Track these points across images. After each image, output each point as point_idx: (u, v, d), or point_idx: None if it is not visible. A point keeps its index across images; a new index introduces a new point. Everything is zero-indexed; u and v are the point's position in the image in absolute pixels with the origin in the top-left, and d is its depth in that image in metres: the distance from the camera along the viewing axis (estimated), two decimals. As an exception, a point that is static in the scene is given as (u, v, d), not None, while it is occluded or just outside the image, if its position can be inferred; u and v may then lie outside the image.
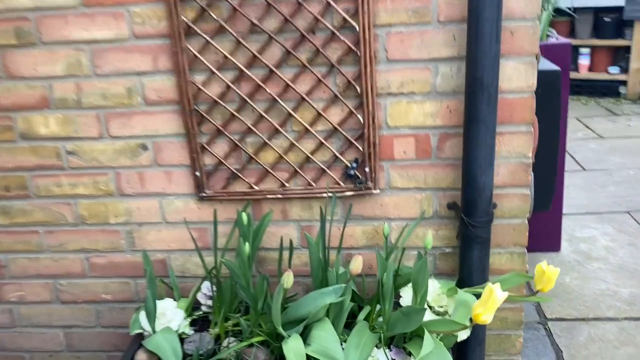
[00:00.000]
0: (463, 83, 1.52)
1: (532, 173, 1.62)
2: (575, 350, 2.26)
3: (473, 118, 1.46)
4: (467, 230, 1.55)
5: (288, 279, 1.32)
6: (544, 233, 2.88)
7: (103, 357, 1.96)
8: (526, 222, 1.65)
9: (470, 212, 1.53)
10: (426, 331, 1.38)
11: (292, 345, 1.40)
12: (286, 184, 1.66)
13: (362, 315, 1.57)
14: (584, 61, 5.81)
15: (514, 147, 1.57)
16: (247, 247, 1.48)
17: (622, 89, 5.71)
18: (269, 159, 1.65)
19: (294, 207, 1.69)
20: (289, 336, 1.43)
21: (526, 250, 1.68)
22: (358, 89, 1.54)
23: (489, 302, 1.32)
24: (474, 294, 1.51)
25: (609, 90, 5.76)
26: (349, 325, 1.60)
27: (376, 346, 1.50)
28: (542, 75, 1.71)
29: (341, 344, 1.44)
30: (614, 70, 5.73)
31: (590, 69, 5.84)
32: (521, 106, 1.53)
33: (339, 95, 1.56)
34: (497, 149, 1.56)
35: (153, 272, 1.54)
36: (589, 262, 2.88)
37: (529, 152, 1.58)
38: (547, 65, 2.17)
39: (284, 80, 1.55)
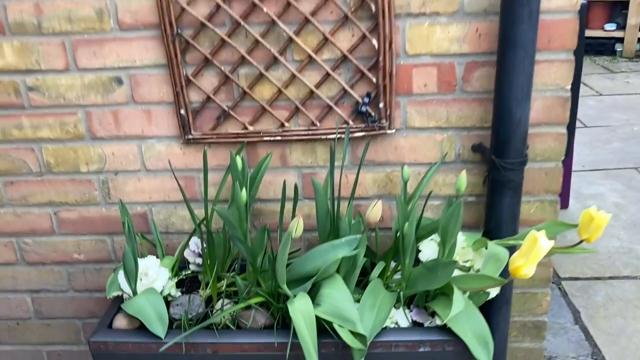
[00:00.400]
0: (496, 1, 1.29)
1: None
2: (594, 310, 2.10)
3: (510, 40, 1.24)
4: (497, 173, 1.34)
5: (298, 226, 1.10)
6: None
7: (77, 325, 1.74)
8: (560, 166, 1.45)
9: (501, 152, 1.32)
10: (455, 288, 1.18)
11: (299, 306, 1.19)
12: (286, 124, 1.43)
13: (376, 272, 1.37)
14: (579, 17, 5.60)
15: (551, 77, 1.36)
16: (244, 193, 1.26)
17: (618, 47, 5.53)
18: (266, 94, 1.42)
19: (295, 152, 1.47)
20: (295, 296, 1.22)
21: (559, 199, 1.49)
22: (373, 8, 1.31)
23: (532, 253, 1.12)
24: (506, 246, 1.31)
25: (604, 48, 5.57)
26: (360, 283, 1.40)
27: (394, 306, 1.30)
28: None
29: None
30: (610, 27, 5.53)
31: (586, 26, 5.63)
32: (562, 29, 1.31)
33: (349, 15, 1.32)
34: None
35: (132, 224, 1.31)
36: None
37: (568, 84, 1.37)
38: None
39: (285, -2, 1.31)
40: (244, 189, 1.26)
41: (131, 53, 1.40)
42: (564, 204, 2.81)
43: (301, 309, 1.19)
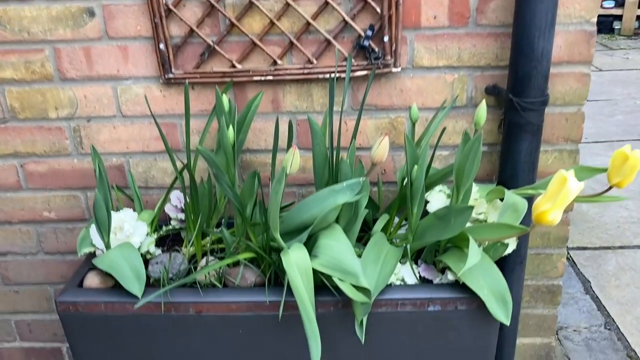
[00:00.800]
0: None
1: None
2: (605, 280, 1.97)
3: (533, -42, 1.09)
4: (515, 115, 1.20)
5: (293, 159, 0.95)
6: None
7: (48, 292, 1.59)
8: (582, 111, 1.31)
9: (520, 90, 1.18)
10: (471, 238, 1.04)
11: (295, 257, 1.04)
12: (279, 62, 1.28)
13: (379, 225, 1.23)
14: (577, -6, 5.47)
15: (575, 8, 1.21)
16: (231, 132, 1.11)
17: (616, 24, 5.42)
18: (256, 28, 1.26)
19: (289, 94, 1.32)
20: (289, 247, 1.08)
21: (579, 149, 1.35)
22: None
23: (560, 195, 0.98)
24: (524, 196, 1.18)
25: (602, 26, 5.46)
26: (361, 240, 1.26)
27: (400, 262, 1.16)
28: None
29: (356, 259, 1.09)
30: (609, 4, 5.41)
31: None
32: (589, -49, 1.17)
33: None
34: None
35: (104, 169, 1.16)
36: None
37: (594, 17, 1.22)
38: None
39: None
40: (230, 127, 1.11)
41: (104, -21, 1.24)
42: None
43: (297, 261, 1.04)
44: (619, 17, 5.37)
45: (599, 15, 5.01)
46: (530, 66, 1.16)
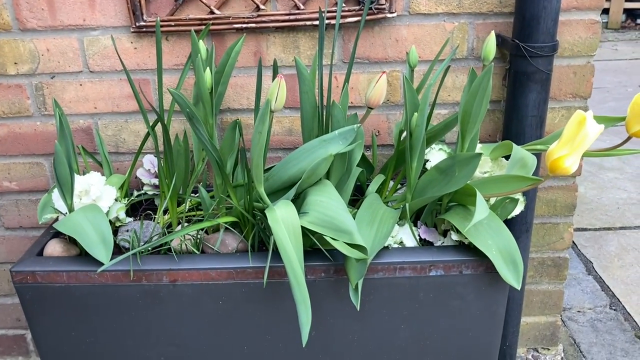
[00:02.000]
0: None
1: None
2: (607, 260, 1.87)
3: None
4: (523, 62, 1.10)
5: (279, 92, 0.83)
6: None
7: (9, 272, 1.44)
8: (592, 64, 1.21)
9: (528, 35, 1.08)
10: (478, 191, 0.93)
11: (282, 215, 0.92)
12: (262, 7, 1.16)
13: (373, 187, 1.11)
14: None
15: (587, -54, 1.11)
16: (207, 74, 0.98)
17: (603, 18, 5.38)
18: (238, -31, 1.15)
19: (273, 45, 1.20)
20: (275, 205, 0.95)
21: (588, 106, 1.25)
22: None
23: (578, 139, 0.88)
24: (533, 152, 1.07)
25: (589, 19, 5.42)
26: (354, 204, 1.14)
27: (397, 224, 1.05)
28: None
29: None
30: (596, -3, 5.38)
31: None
32: None
33: None
34: (565, -52, 1.10)
35: (65, 118, 1.03)
36: (602, 172, 2.50)
37: (606, -44, 1.12)
38: None
39: None
40: (207, 69, 0.98)
41: None
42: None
43: (284, 218, 0.92)
44: (606, 11, 5.33)
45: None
46: (539, 6, 1.05)
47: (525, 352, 1.47)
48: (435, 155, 1.13)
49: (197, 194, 1.16)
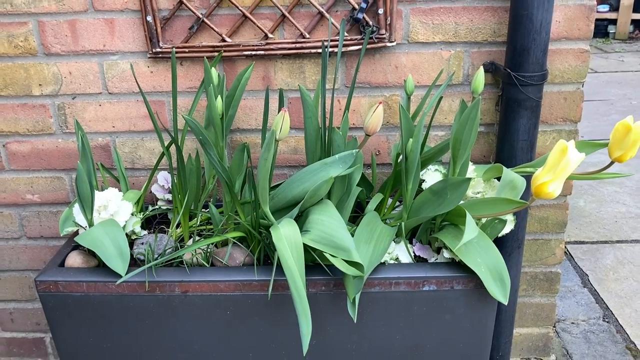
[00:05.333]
0: None
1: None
2: (603, 273, 1.93)
3: None
4: (514, 90, 1.17)
5: (283, 122, 0.91)
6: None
7: (31, 279, 1.53)
8: (582, 90, 1.28)
9: (519, 64, 1.15)
10: (468, 213, 1.00)
11: (285, 233, 1.00)
12: (270, 35, 1.24)
13: (372, 205, 1.19)
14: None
15: (575, -19, 1.18)
16: (219, 101, 1.06)
17: (611, 28, 5.42)
18: (247, 0, 1.22)
19: (280, 71, 1.28)
20: (279, 223, 1.03)
21: (578, 129, 1.32)
22: None
23: (560, 166, 0.94)
24: (522, 174, 1.14)
25: (597, 29, 5.46)
26: (354, 221, 1.22)
27: (394, 241, 1.12)
28: None
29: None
30: (603, 8, 5.42)
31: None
32: None
33: None
34: (555, -17, 1.17)
35: (87, 141, 1.11)
36: (602, 186, 2.56)
37: (594, -9, 1.20)
38: None
39: None
40: (219, 97, 1.06)
41: (90, -50, 1.21)
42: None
43: (287, 236, 1.00)
44: (614, 21, 5.37)
45: (595, 20, 4.97)
46: (529, 38, 1.12)
47: (518, 361, 1.54)
48: (431, 175, 1.20)
49: (208, 209, 1.24)
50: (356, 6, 1.20)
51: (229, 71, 1.28)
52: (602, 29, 5.44)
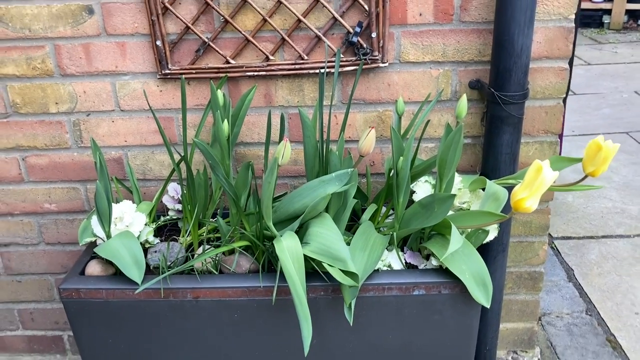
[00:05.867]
0: None
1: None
2: (587, 268, 2.04)
3: (513, -41, 1.15)
4: (497, 108, 1.26)
5: (285, 151, 1.01)
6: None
7: (50, 281, 1.64)
8: (562, 104, 1.37)
9: (501, 85, 1.24)
10: (453, 225, 1.10)
11: (287, 244, 1.10)
12: (271, 57, 1.33)
13: (367, 215, 1.29)
14: (567, -11, 5.54)
15: (554, 5, 1.27)
16: (225, 125, 1.16)
17: (605, 19, 5.48)
18: (249, 25, 1.31)
19: (281, 89, 1.37)
20: (282, 235, 1.13)
21: (559, 140, 1.41)
22: None
23: (536, 184, 1.04)
24: (505, 186, 1.24)
25: (592, 20, 5.52)
26: (350, 229, 1.32)
27: (387, 249, 1.22)
28: None
29: (345, 246, 1.15)
30: (599, -2, 5.48)
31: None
32: (567, -48, 1.23)
33: None
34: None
35: (104, 161, 1.21)
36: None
37: (572, 13, 1.28)
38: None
39: None
40: (225, 120, 1.16)
41: (102, -21, 1.29)
42: (555, 167, 2.75)
43: (289, 248, 1.10)
44: (609, 12, 5.43)
45: (589, 10, 5.02)
46: (510, 61, 1.22)
47: (505, 354, 1.65)
48: (421, 187, 1.30)
49: (215, 218, 1.34)
50: (351, 30, 1.29)
51: (233, 90, 1.37)
52: (597, 19, 5.50)
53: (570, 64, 2.24)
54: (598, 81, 4.01)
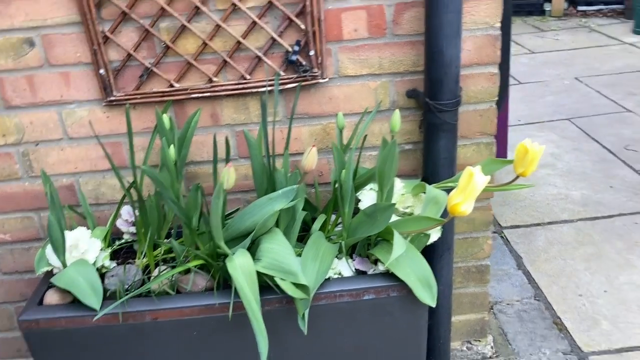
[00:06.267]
0: (420, -62, 1.27)
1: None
2: (535, 255, 2.15)
3: (436, -24, 1.22)
4: (432, 116, 1.33)
5: (229, 176, 1.05)
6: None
7: (9, 310, 1.64)
8: (494, 106, 1.45)
9: (435, 94, 1.31)
10: (396, 231, 1.16)
11: (239, 262, 1.15)
12: (214, 79, 1.37)
13: (317, 225, 1.34)
14: (509, -21, 5.69)
15: (480, 15, 1.34)
16: (172, 150, 1.20)
17: (547, 6, 5.66)
18: (191, 48, 1.35)
19: (226, 108, 1.41)
20: (234, 253, 1.18)
21: (495, 140, 1.49)
22: (295, -50, 1.26)
23: (469, 189, 1.11)
24: (445, 189, 1.31)
25: (534, 8, 5.69)
26: (302, 239, 1.37)
27: (337, 257, 1.28)
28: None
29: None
30: (539, -13, 5.65)
31: (516, -14, 5.73)
32: (488, -35, 1.30)
33: (271, -41, 1.27)
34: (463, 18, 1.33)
35: (56, 192, 1.23)
36: (537, 170, 2.77)
37: (497, 22, 1.36)
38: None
39: (202, -57, 1.24)
40: (172, 145, 1.20)
41: (41, 11, 1.30)
42: (503, 157, 2.86)
43: (241, 265, 1.14)
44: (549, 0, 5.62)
45: (531, -2, 5.11)
46: (441, 72, 1.28)
47: (460, 344, 1.73)
48: (367, 195, 1.36)
49: (169, 240, 1.37)
50: (290, 49, 1.34)
51: (180, 112, 1.41)
52: (538, 7, 5.67)
53: (504, 61, 2.33)
54: (541, 69, 4.16)
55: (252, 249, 1.21)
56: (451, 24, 1.24)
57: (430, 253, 1.43)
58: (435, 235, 1.31)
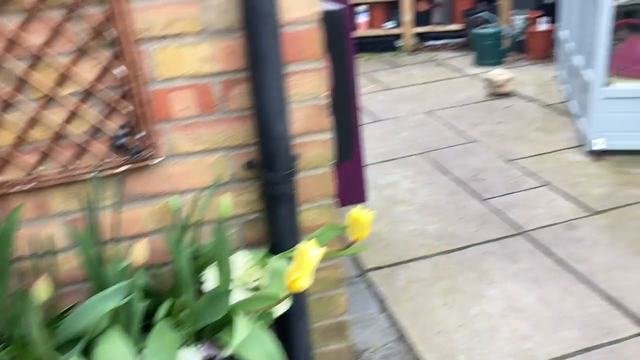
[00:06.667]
0: (238, 17, 1.29)
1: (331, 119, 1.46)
2: (397, 294, 2.23)
3: (257, 55, 1.24)
4: (270, 188, 1.35)
5: (40, 289, 0.98)
6: (350, 186, 2.82)
7: None
8: (330, 171, 1.50)
9: (270, 167, 1.33)
10: (235, 317, 1.15)
11: (71, 372, 1.07)
12: (39, 167, 1.29)
13: (161, 313, 1.29)
14: (363, 19, 6.01)
15: (306, 87, 1.39)
16: (-13, 257, 1.10)
17: (398, 43, 6.02)
18: (7, 141, 1.26)
19: (55, 198, 1.33)
20: (67, 360, 1.10)
21: (336, 201, 1.54)
22: (112, 34, 1.23)
23: (304, 264, 1.13)
24: (289, 259, 1.32)
25: (387, 45, 6.03)
26: (150, 327, 1.32)
27: (185, 344, 1.24)
28: (326, 16, 1.54)
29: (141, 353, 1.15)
30: (390, 25, 6.01)
31: (370, 26, 6.05)
32: (308, 39, 1.35)
33: (88, 44, 1.22)
34: (289, 92, 1.37)
35: None
36: (395, 206, 2.91)
37: (323, 92, 1.41)
38: (328, 6, 2.04)
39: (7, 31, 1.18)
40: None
41: None
42: (364, 198, 2.96)
43: (74, 374, 1.07)
44: (400, 36, 5.98)
45: (383, 36, 5.45)
46: (273, 146, 1.31)
47: (329, 401, 1.74)
48: (211, 275, 1.33)
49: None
50: (117, 133, 1.30)
51: (4, 205, 1.31)
52: (391, 44, 6.02)
53: (351, 90, 2.43)
54: (397, 105, 4.39)
55: (90, 351, 1.14)
56: (277, 100, 1.28)
57: (287, 319, 1.44)
58: (283, 306, 1.31)
